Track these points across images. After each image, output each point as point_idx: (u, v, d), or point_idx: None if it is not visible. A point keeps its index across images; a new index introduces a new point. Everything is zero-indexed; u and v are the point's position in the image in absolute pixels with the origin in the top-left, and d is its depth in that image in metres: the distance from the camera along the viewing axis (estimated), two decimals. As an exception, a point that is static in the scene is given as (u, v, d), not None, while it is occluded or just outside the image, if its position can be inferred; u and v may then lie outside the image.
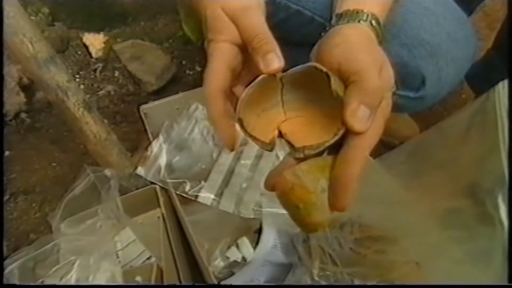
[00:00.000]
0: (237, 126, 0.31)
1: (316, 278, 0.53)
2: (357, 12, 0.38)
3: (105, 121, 0.78)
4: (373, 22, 0.38)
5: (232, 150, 0.34)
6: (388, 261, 0.50)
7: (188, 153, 0.64)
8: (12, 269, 0.47)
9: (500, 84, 0.34)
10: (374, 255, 0.52)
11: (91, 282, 0.49)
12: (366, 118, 0.28)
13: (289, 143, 0.31)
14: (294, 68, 0.31)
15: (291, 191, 0.28)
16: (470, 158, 0.32)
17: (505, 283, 0.30)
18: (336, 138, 0.28)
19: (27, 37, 0.59)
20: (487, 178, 0.29)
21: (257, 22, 0.34)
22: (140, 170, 0.59)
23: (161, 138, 0.61)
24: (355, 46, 0.32)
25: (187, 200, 0.59)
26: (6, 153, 0.89)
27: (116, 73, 1.21)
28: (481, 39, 1.11)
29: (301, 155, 0.30)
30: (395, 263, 0.49)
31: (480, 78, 0.84)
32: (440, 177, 0.37)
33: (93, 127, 0.70)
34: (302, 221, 0.29)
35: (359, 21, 0.37)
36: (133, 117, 1.04)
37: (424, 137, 0.41)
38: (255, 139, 0.31)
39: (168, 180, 0.58)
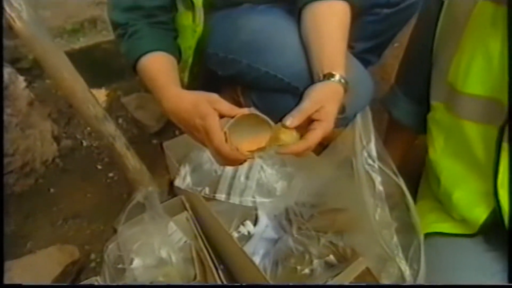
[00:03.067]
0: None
1: (296, 236, 0.85)
2: (333, 75, 0.62)
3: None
4: (342, 80, 0.63)
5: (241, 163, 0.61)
6: (338, 218, 0.84)
7: (202, 171, 0.96)
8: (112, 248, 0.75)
9: (358, 115, 0.70)
10: (330, 218, 0.85)
11: (158, 254, 0.78)
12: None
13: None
14: (231, 121, 0.56)
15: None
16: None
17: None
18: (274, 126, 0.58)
19: (91, 103, 0.89)
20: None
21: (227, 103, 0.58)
22: (178, 182, 0.89)
23: (187, 165, 0.93)
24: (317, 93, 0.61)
25: (208, 199, 0.90)
26: (51, 190, 1.13)
27: (120, 120, 1.48)
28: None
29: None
30: (342, 219, 0.83)
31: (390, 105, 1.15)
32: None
33: (131, 161, 0.99)
34: None
35: (333, 81, 0.62)
36: (140, 155, 1.30)
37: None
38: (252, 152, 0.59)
39: (194, 188, 0.89)
